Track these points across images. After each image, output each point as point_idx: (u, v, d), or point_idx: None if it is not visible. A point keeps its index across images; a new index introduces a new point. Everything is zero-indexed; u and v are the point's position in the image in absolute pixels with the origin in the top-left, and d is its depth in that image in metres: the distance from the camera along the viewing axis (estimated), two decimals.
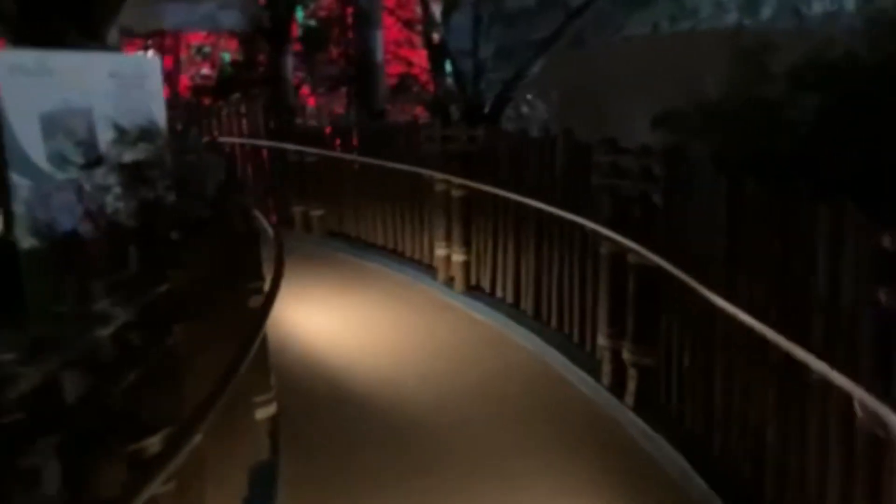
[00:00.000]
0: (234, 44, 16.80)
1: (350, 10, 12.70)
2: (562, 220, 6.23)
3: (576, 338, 6.30)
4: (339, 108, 13.32)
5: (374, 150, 9.00)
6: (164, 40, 17.15)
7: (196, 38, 17.82)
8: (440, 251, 8.07)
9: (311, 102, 16.84)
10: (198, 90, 20.24)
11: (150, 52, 22.64)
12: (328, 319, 7.42)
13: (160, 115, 5.38)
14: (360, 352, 6.60)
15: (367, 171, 9.15)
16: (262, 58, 14.53)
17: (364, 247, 9.42)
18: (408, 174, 8.45)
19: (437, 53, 12.54)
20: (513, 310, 7.20)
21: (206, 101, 17.67)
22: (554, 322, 6.64)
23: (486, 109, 11.91)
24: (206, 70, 20.58)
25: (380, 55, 10.56)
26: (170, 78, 21.79)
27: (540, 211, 6.53)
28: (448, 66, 12.43)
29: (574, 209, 5.95)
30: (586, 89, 11.99)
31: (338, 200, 9.74)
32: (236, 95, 14.01)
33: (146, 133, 4.96)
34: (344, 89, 14.99)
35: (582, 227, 5.94)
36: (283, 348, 6.09)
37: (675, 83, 6.80)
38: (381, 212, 9.15)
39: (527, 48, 11.72)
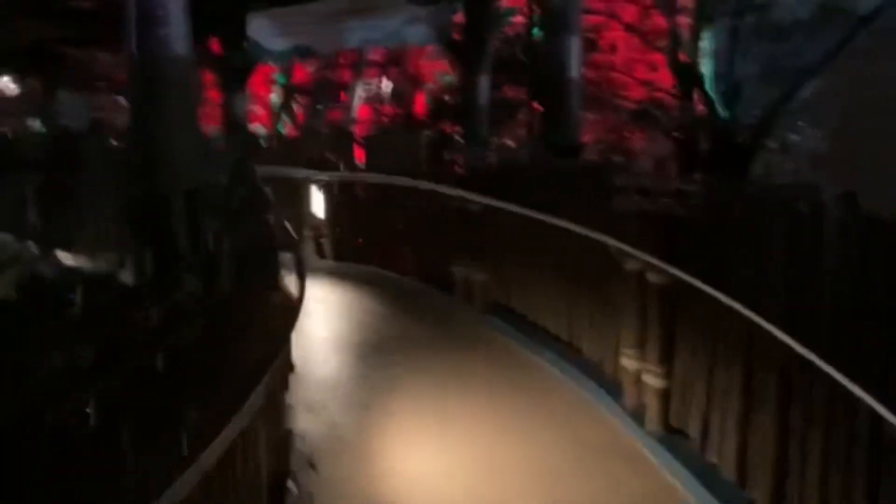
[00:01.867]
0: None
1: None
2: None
3: None
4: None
5: (550, 200, 6.24)
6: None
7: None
8: (628, 362, 5.16)
9: None
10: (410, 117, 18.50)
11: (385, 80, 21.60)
12: (438, 461, 4.76)
13: None
14: None
15: (540, 229, 6.39)
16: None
17: (531, 331, 6.64)
18: (590, 240, 5.61)
19: (684, 74, 10.71)
20: (733, 491, 4.13)
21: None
22: None
23: (741, 139, 9.87)
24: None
25: (575, 69, 7.76)
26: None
27: (790, 352, 3.48)
28: (698, 89, 10.40)
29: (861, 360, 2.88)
30: (877, 117, 8.48)
31: (505, 265, 7.05)
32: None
33: None
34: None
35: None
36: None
37: None
38: (556, 287, 6.33)
39: (795, 67, 9.60)
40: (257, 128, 25.50)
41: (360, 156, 9.32)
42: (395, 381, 5.86)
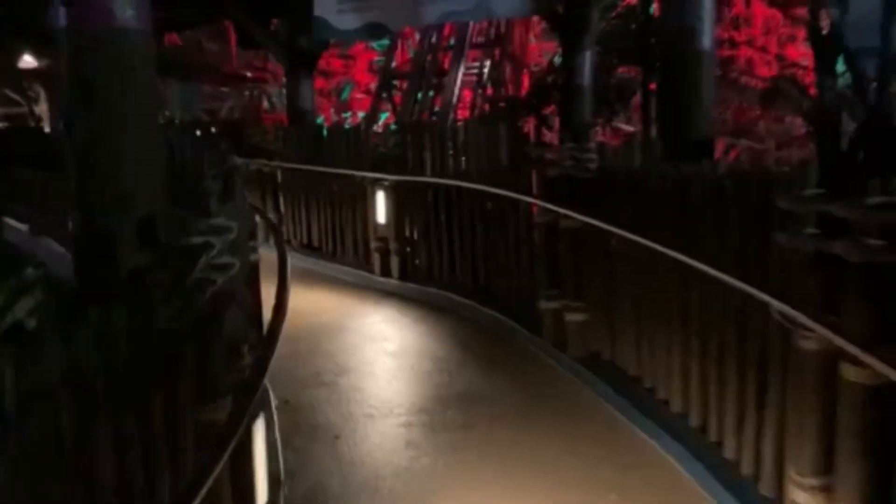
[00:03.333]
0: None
1: None
2: None
3: None
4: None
5: (666, 220, 4.20)
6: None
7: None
8: (802, 485, 3.11)
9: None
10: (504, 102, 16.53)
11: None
12: None
13: None
14: None
15: (666, 265, 4.35)
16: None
17: (647, 402, 4.63)
18: (743, 295, 3.54)
19: (826, 48, 9.16)
20: None
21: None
22: None
23: None
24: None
25: (708, 38, 5.55)
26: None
27: None
28: (841, 65, 7.90)
29: None
30: None
31: (613, 304, 5.04)
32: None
33: None
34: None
35: None
36: None
37: None
38: (686, 351, 4.28)
39: None
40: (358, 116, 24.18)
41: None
42: (453, 477, 3.98)
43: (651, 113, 8.90)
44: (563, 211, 5.21)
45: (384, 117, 21.40)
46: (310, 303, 7.22)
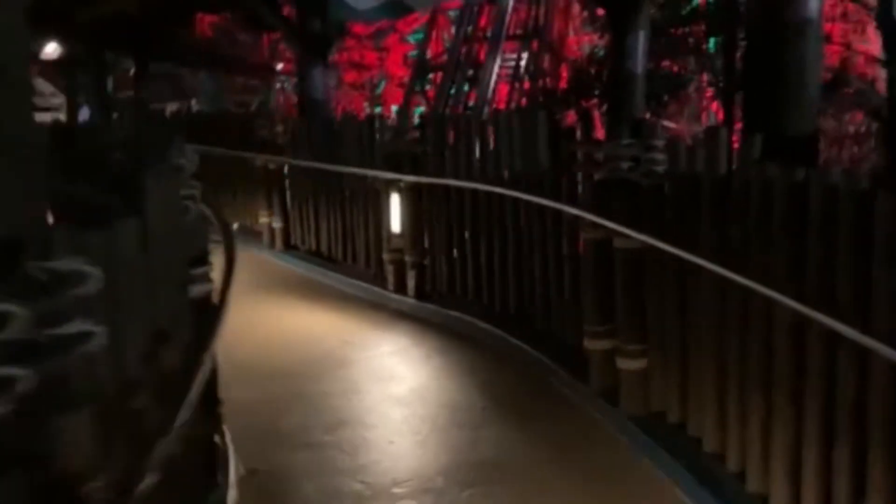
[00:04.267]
0: None
1: None
2: None
3: None
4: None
5: (774, 248, 2.92)
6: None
7: None
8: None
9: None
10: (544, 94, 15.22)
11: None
12: None
13: None
14: None
15: (757, 299, 3.07)
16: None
17: (725, 484, 3.36)
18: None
19: None
20: None
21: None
22: None
23: None
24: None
25: (814, 5, 4.19)
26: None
27: None
28: None
29: None
30: None
31: (684, 347, 3.75)
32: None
33: None
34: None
35: None
36: None
37: None
38: (785, 422, 2.99)
39: None
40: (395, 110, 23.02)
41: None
42: None
43: (733, 101, 7.48)
44: (618, 228, 3.93)
45: (419, 111, 20.27)
46: (308, 326, 6.03)
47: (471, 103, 17.39)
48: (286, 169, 8.18)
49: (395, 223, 6.41)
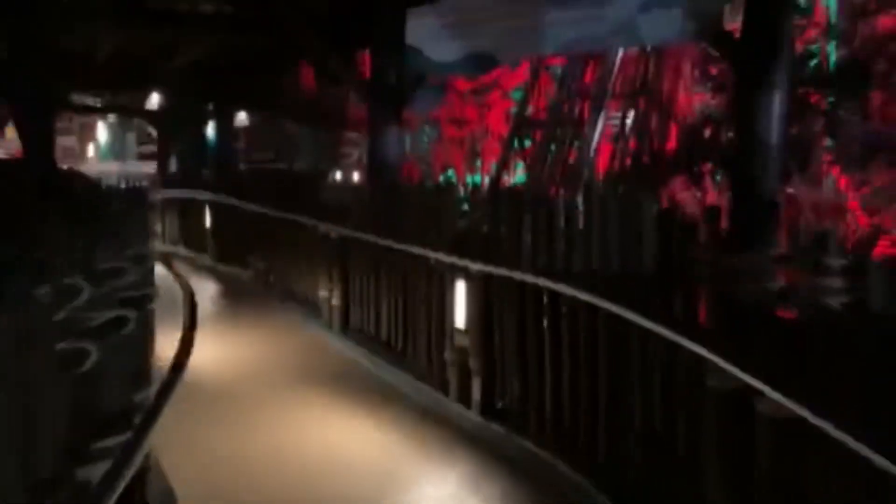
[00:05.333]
0: None
1: None
2: None
3: None
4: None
5: None
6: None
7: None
8: None
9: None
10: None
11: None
12: None
13: None
14: None
15: None
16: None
17: None
18: None
19: None
20: None
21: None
22: None
23: None
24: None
25: None
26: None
27: None
28: None
29: None
30: None
31: None
32: None
33: None
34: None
35: None
36: None
37: None
38: None
39: None
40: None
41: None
42: None
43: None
44: (760, 386, 2.51)
45: (519, 167, 19.16)
46: (340, 440, 4.77)
47: (571, 161, 16.16)
48: (344, 240, 7.05)
49: (460, 317, 5.11)
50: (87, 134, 29.88)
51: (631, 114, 15.92)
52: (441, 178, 19.86)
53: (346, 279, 7.12)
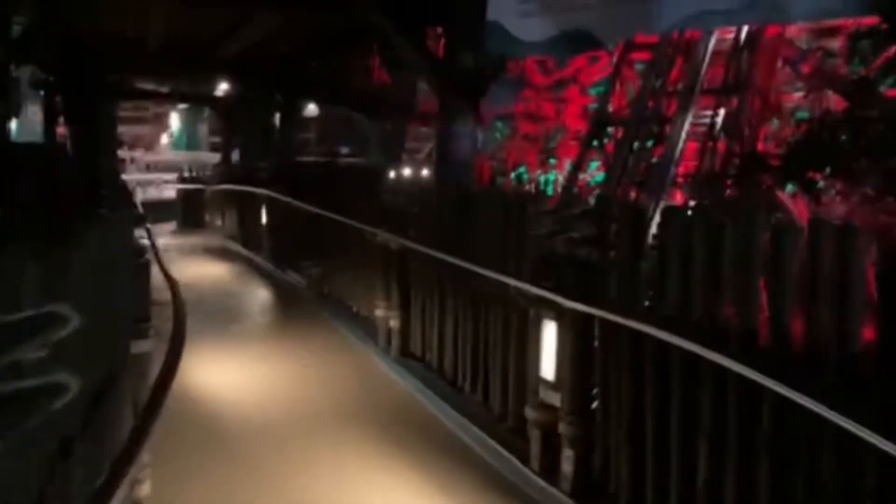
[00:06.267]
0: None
1: None
2: None
3: None
4: None
5: None
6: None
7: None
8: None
9: None
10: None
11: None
12: None
13: None
14: None
15: None
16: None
17: None
18: None
19: None
20: None
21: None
22: None
23: None
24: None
25: None
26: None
27: None
28: None
29: None
30: None
31: None
32: None
33: None
34: None
35: None
36: None
37: None
38: None
39: None
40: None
41: None
42: None
43: None
44: None
45: (594, 166, 17.81)
46: None
47: (654, 160, 14.81)
48: (408, 252, 5.89)
49: (548, 366, 3.90)
50: (161, 123, 29.66)
51: (721, 112, 14.47)
52: (512, 176, 18.59)
53: (407, 298, 5.96)
